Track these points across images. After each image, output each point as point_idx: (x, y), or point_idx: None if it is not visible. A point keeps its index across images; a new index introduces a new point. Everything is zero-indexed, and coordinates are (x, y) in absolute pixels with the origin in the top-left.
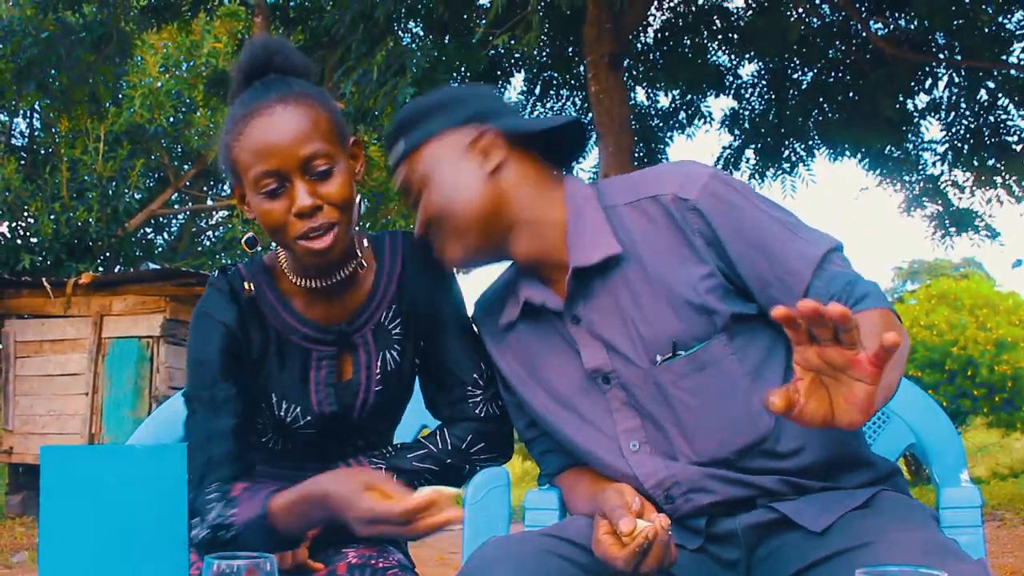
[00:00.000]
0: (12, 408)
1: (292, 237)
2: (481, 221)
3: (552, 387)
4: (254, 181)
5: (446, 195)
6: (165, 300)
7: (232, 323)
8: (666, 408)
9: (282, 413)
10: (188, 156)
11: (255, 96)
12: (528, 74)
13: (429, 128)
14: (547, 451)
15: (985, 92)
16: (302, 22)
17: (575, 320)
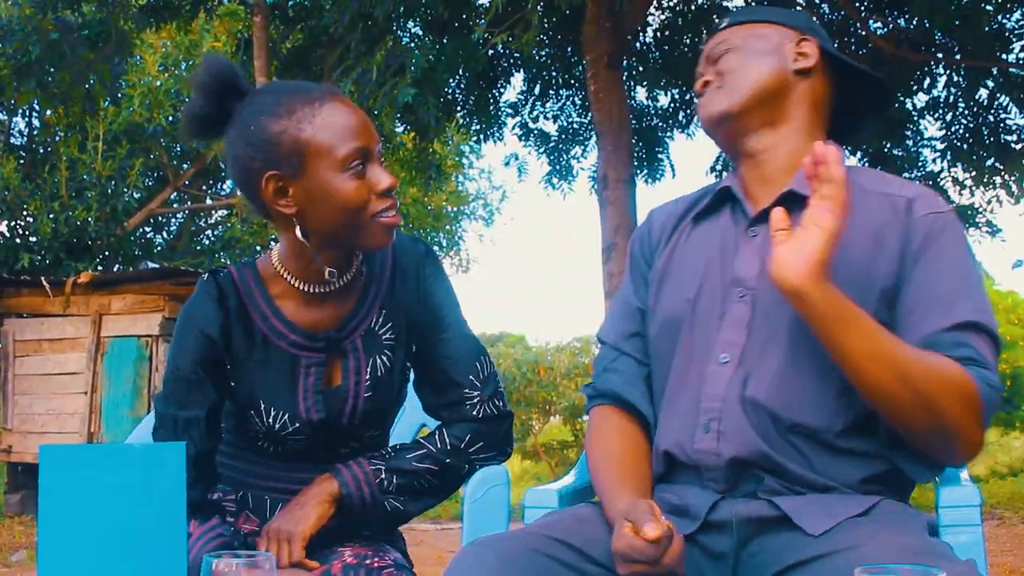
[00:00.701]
0: (11, 407)
1: (371, 215)
2: (762, 93)
3: (691, 280)
4: (343, 160)
5: (749, 61)
6: (164, 299)
7: (214, 331)
8: (775, 345)
9: (271, 420)
10: (187, 155)
11: (303, 87)
12: (527, 73)
13: (762, 14)
14: (614, 370)
15: (984, 91)
16: (301, 21)
17: (752, 233)
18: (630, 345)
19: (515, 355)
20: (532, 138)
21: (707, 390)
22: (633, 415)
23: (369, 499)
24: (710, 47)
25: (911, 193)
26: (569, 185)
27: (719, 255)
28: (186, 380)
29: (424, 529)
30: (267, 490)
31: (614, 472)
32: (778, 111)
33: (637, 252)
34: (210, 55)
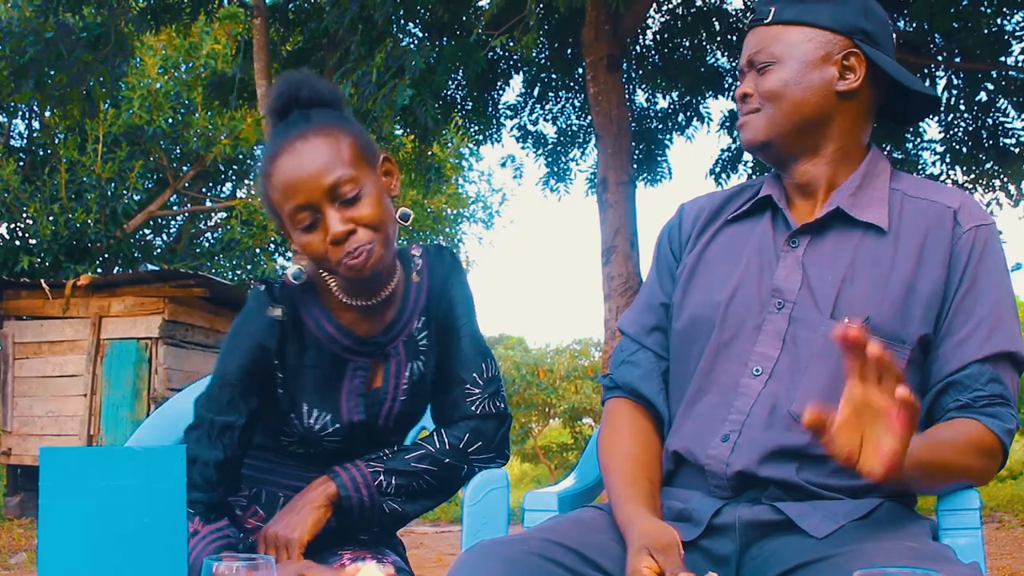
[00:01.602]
0: (10, 409)
1: (334, 263)
2: (804, 123)
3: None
4: (290, 218)
5: (788, 84)
6: (164, 301)
7: (269, 341)
8: (821, 360)
9: (311, 421)
10: (187, 157)
11: (278, 137)
12: (527, 76)
13: (809, 14)
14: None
15: (984, 94)
16: (301, 24)
17: (793, 243)
18: (651, 339)
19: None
20: (530, 140)
21: (737, 402)
22: (648, 410)
23: (367, 501)
24: (753, 49)
25: (955, 203)
26: (566, 187)
27: (757, 262)
28: (231, 387)
29: (423, 532)
30: (281, 487)
31: (627, 474)
32: (821, 137)
33: (666, 245)
34: (283, 75)
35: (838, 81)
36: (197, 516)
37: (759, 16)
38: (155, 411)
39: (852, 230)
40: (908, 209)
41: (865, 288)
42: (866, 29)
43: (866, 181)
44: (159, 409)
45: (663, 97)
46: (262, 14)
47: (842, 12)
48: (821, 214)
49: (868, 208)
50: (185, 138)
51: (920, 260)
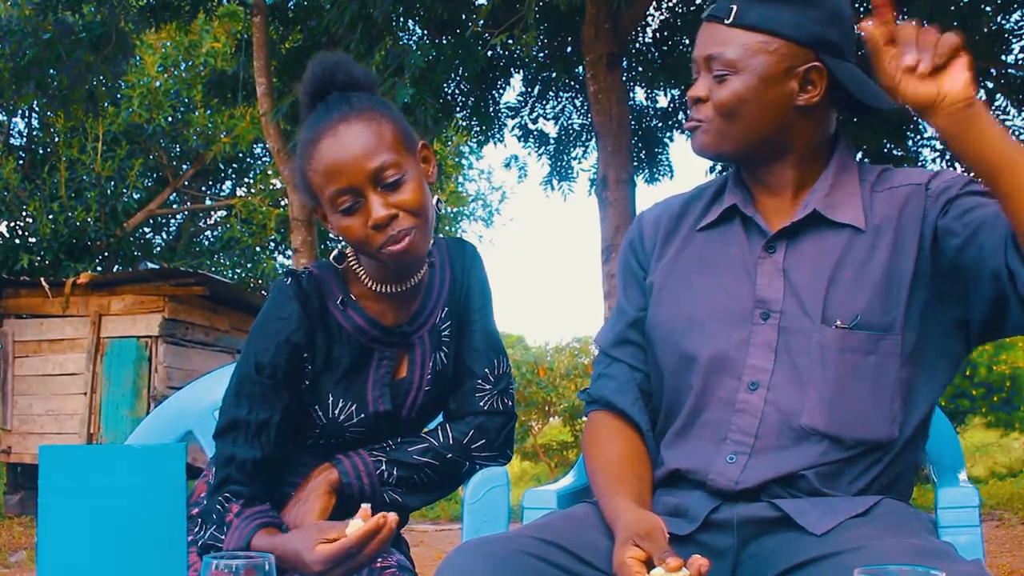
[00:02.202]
0: (10, 408)
1: (375, 248)
2: (759, 139)
3: (703, 295)
4: (330, 201)
5: (744, 101)
6: (163, 300)
7: (299, 336)
8: (819, 369)
9: (336, 412)
10: (187, 156)
11: (318, 119)
12: (527, 74)
13: (772, 21)
14: (607, 376)
15: (984, 92)
16: (301, 22)
17: (770, 249)
18: (623, 352)
19: (514, 356)
20: (531, 139)
21: (738, 420)
22: (627, 421)
23: (368, 490)
24: (709, 47)
25: (925, 178)
26: (569, 186)
27: (735, 271)
28: (264, 383)
29: (424, 530)
30: (292, 487)
31: (612, 474)
32: (780, 146)
33: (631, 258)
34: (316, 57)
35: (798, 95)
36: (235, 503)
37: (719, 13)
38: (154, 410)
39: (829, 231)
40: (880, 202)
41: (848, 287)
42: (830, 40)
43: (838, 179)
44: (158, 407)
45: (663, 95)
46: (262, 12)
47: (807, 21)
48: (797, 218)
49: (844, 208)
50: (185, 136)
51: (896, 244)
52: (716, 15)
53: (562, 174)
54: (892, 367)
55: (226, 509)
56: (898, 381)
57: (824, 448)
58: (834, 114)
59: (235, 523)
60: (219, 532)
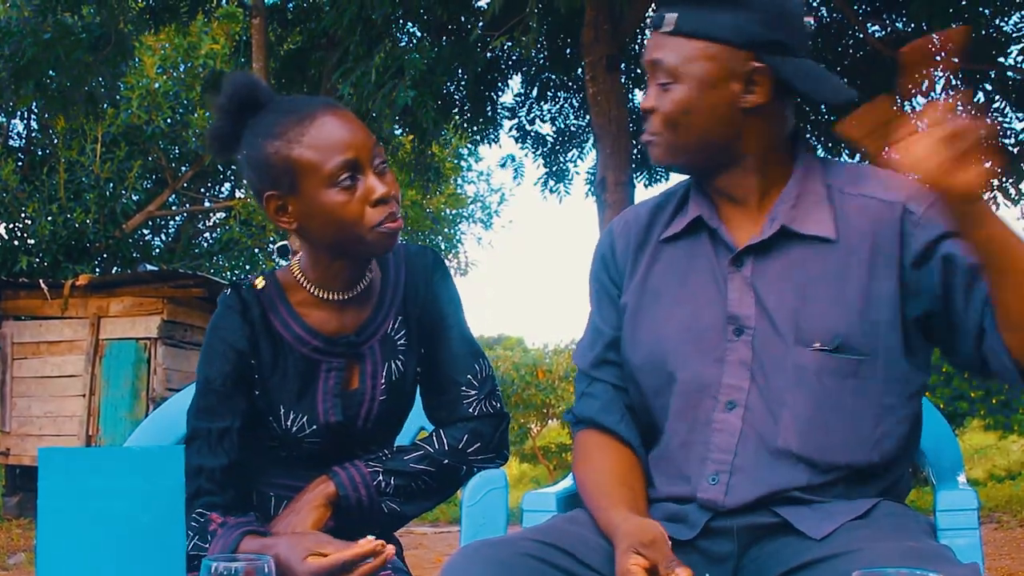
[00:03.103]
0: (9, 409)
1: (369, 226)
2: (710, 146)
3: (676, 312)
4: (330, 175)
5: (688, 110)
6: (162, 302)
7: (243, 345)
8: (795, 391)
9: (288, 424)
10: (186, 157)
11: (299, 105)
12: (526, 76)
13: (710, 27)
14: (590, 395)
15: (982, 94)
16: (300, 24)
17: (738, 263)
18: (603, 372)
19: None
20: (529, 140)
21: (716, 440)
22: (615, 438)
23: (366, 501)
24: (653, 55)
25: (900, 196)
26: (566, 188)
27: (704, 287)
28: (217, 393)
29: (422, 532)
30: (272, 487)
31: (604, 487)
32: (734, 151)
33: (603, 275)
34: (232, 75)
35: (742, 98)
36: (216, 512)
37: (658, 22)
38: (153, 412)
39: (798, 244)
40: (851, 209)
41: (823, 305)
42: (773, 39)
43: (804, 187)
44: (157, 410)
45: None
46: (261, 14)
47: (747, 23)
48: (765, 235)
49: (811, 219)
50: (184, 138)
51: (872, 263)
52: (656, 25)
53: (558, 176)
54: (873, 391)
55: (207, 519)
56: (879, 405)
57: (801, 470)
58: (789, 115)
59: (219, 532)
60: (202, 542)
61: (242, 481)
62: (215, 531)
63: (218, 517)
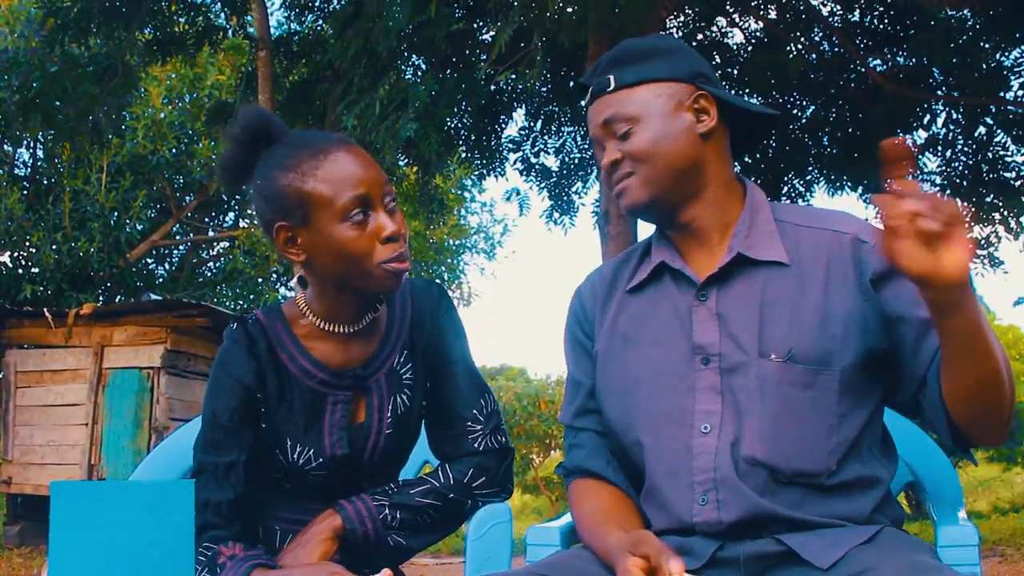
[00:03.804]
0: (11, 438)
1: (376, 262)
2: (680, 174)
3: (645, 353)
4: (342, 209)
5: (656, 141)
6: (166, 331)
7: (249, 379)
8: (758, 401)
9: (295, 457)
10: (190, 187)
11: (314, 140)
12: (529, 108)
13: (647, 72)
14: (577, 446)
15: (983, 128)
16: (305, 56)
17: (702, 297)
18: (585, 421)
19: (516, 388)
20: (533, 173)
21: (698, 463)
22: (605, 481)
23: (372, 535)
24: (604, 117)
25: (850, 228)
26: (571, 220)
27: (670, 324)
28: (224, 428)
29: (424, 564)
30: (278, 520)
31: (599, 520)
32: (698, 181)
33: (576, 330)
34: (246, 107)
35: (697, 124)
36: (224, 546)
37: (600, 87)
38: (158, 445)
39: (755, 270)
40: (803, 239)
41: (782, 322)
42: (702, 72)
43: (755, 219)
44: (162, 443)
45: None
46: (267, 46)
47: (677, 63)
48: (722, 263)
49: (764, 246)
50: (189, 168)
51: (827, 286)
52: (598, 90)
53: (563, 208)
54: (830, 402)
55: (215, 552)
56: (835, 415)
57: (765, 477)
58: (729, 147)
59: (228, 565)
60: (211, 575)
61: (249, 515)
62: (224, 564)
63: (227, 550)
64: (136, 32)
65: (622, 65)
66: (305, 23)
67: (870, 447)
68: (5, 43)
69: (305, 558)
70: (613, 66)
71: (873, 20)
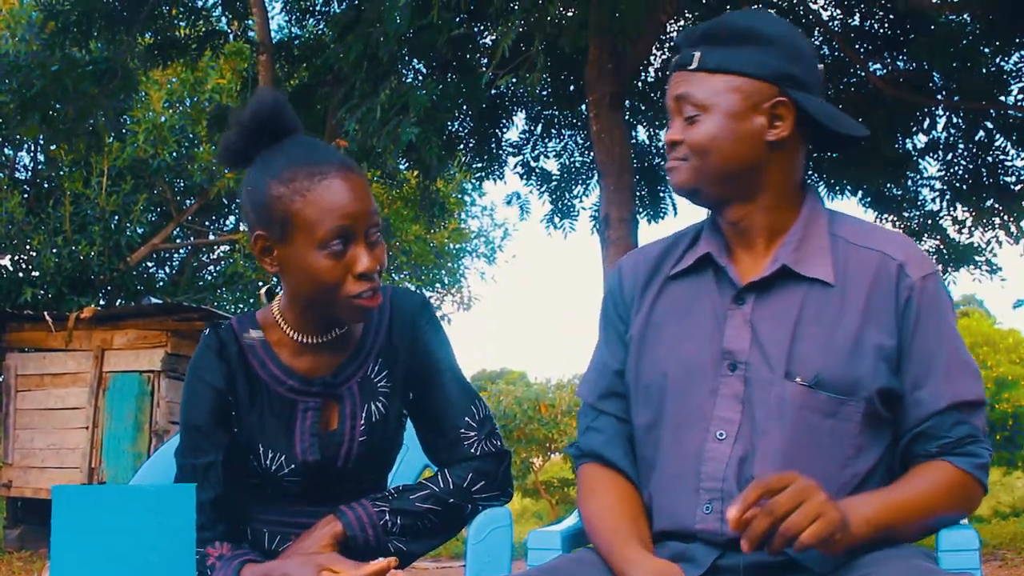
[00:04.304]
0: (11, 441)
1: (344, 295)
2: (735, 176)
3: (676, 348)
4: (322, 238)
5: (719, 138)
6: (166, 335)
7: (220, 383)
8: (776, 421)
9: (267, 463)
10: (191, 191)
11: (315, 156)
12: (529, 113)
13: (733, 61)
14: (595, 429)
15: (983, 132)
16: (306, 60)
17: (740, 301)
18: (609, 404)
19: (516, 392)
20: (534, 177)
21: (707, 469)
22: (619, 472)
23: (373, 540)
24: (678, 92)
25: (900, 255)
26: (571, 224)
27: (705, 322)
28: (198, 430)
29: (425, 568)
30: (266, 523)
31: (612, 524)
32: (754, 185)
33: (611, 310)
34: (263, 92)
35: (767, 131)
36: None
37: (683, 61)
38: (158, 449)
39: (798, 285)
40: (852, 259)
41: (813, 344)
42: (793, 74)
43: (808, 231)
44: (162, 447)
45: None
46: (268, 50)
47: (769, 58)
48: (767, 273)
49: (812, 262)
50: (189, 172)
51: (867, 312)
52: (681, 63)
53: (563, 212)
54: (851, 433)
55: (203, 554)
56: (853, 447)
57: None
58: (803, 156)
59: (218, 565)
60: None
61: (231, 516)
62: (213, 564)
63: (214, 551)
64: (137, 36)
65: (712, 44)
66: (306, 27)
67: (881, 479)
68: (6, 47)
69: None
70: (703, 41)
71: (873, 24)
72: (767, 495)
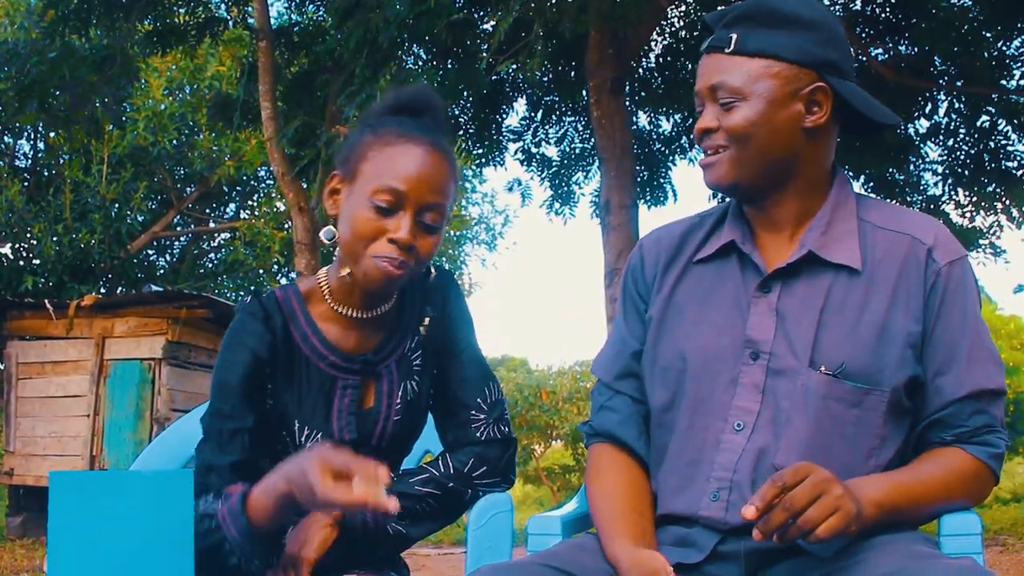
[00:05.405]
0: (13, 429)
1: (370, 253)
2: (772, 164)
3: (697, 333)
4: (375, 190)
5: (757, 124)
6: (167, 322)
7: (263, 352)
8: (802, 411)
9: (302, 439)
10: (191, 178)
11: (415, 126)
12: (530, 99)
13: (772, 45)
14: (609, 408)
15: (985, 117)
16: (306, 47)
17: (765, 289)
18: (625, 384)
19: (517, 379)
20: (534, 163)
21: (720, 459)
22: (630, 454)
23: (372, 523)
24: (713, 77)
25: (929, 238)
26: (571, 210)
27: (727, 309)
28: (234, 393)
29: (426, 554)
30: None
31: (614, 511)
32: (788, 172)
33: (631, 287)
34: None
35: (805, 117)
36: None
37: (718, 43)
38: (158, 436)
39: (824, 271)
40: (880, 242)
41: (840, 332)
42: (832, 60)
43: (835, 216)
44: (162, 434)
45: (666, 120)
46: (267, 37)
47: (807, 43)
48: (792, 258)
49: (839, 247)
50: (190, 159)
51: (894, 300)
52: (716, 45)
53: (564, 198)
54: (876, 423)
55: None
56: (877, 437)
57: None
58: (835, 142)
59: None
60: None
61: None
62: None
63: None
64: (136, 23)
65: (750, 25)
66: (305, 14)
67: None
68: (5, 34)
69: (306, 544)
70: (741, 22)
71: (875, 9)
72: (785, 491)
